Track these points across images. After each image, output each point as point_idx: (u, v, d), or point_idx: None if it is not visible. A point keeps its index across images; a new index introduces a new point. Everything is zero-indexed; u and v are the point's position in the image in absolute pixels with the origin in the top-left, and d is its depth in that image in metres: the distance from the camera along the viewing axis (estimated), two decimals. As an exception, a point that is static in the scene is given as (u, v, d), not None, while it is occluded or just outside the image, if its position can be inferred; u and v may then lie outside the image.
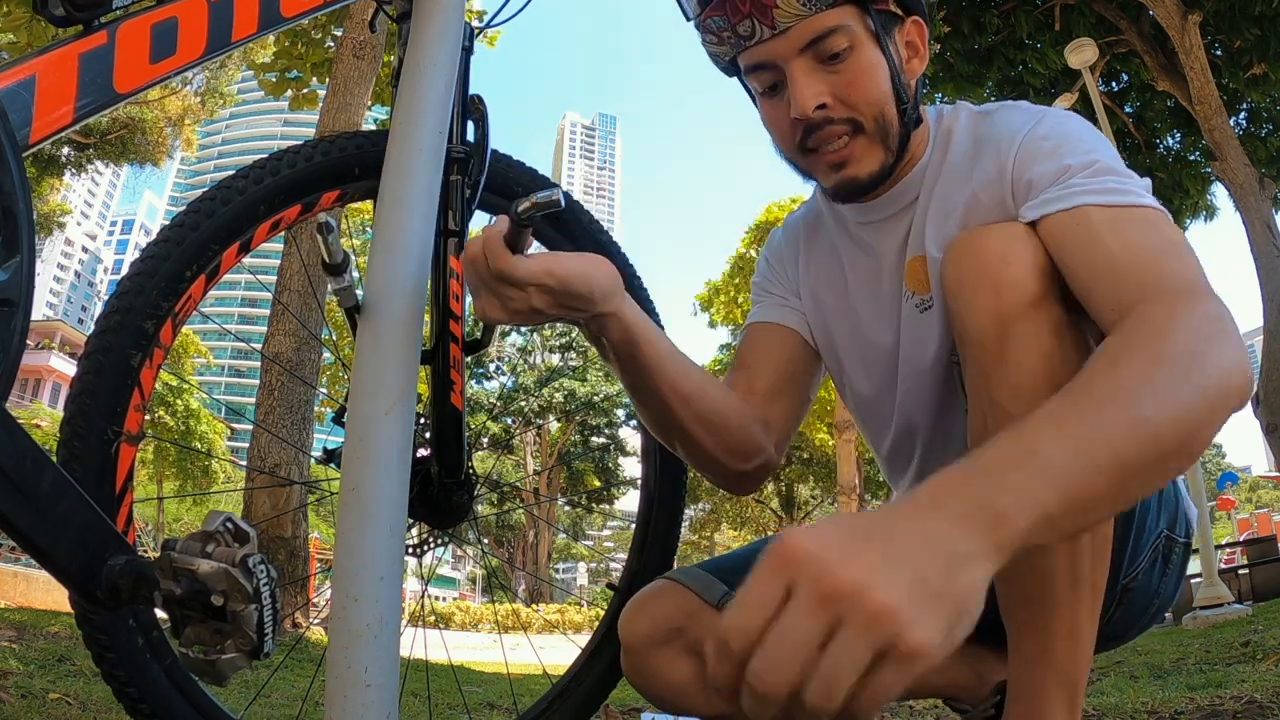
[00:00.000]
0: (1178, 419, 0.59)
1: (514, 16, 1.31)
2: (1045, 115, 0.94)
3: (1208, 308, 0.68)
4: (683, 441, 1.03)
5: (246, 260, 1.06)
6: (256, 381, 5.06)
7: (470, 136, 1.15)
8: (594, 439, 29.10)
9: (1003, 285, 0.82)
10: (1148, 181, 0.85)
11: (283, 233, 1.10)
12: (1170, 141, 8.92)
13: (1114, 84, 8.75)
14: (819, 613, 0.45)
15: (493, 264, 0.79)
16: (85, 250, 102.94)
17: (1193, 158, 8.73)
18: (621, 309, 0.89)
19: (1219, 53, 7.60)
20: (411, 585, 2.06)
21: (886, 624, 0.44)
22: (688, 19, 1.01)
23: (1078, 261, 0.80)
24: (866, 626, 0.44)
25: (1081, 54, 6.63)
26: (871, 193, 1.01)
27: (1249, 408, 6.48)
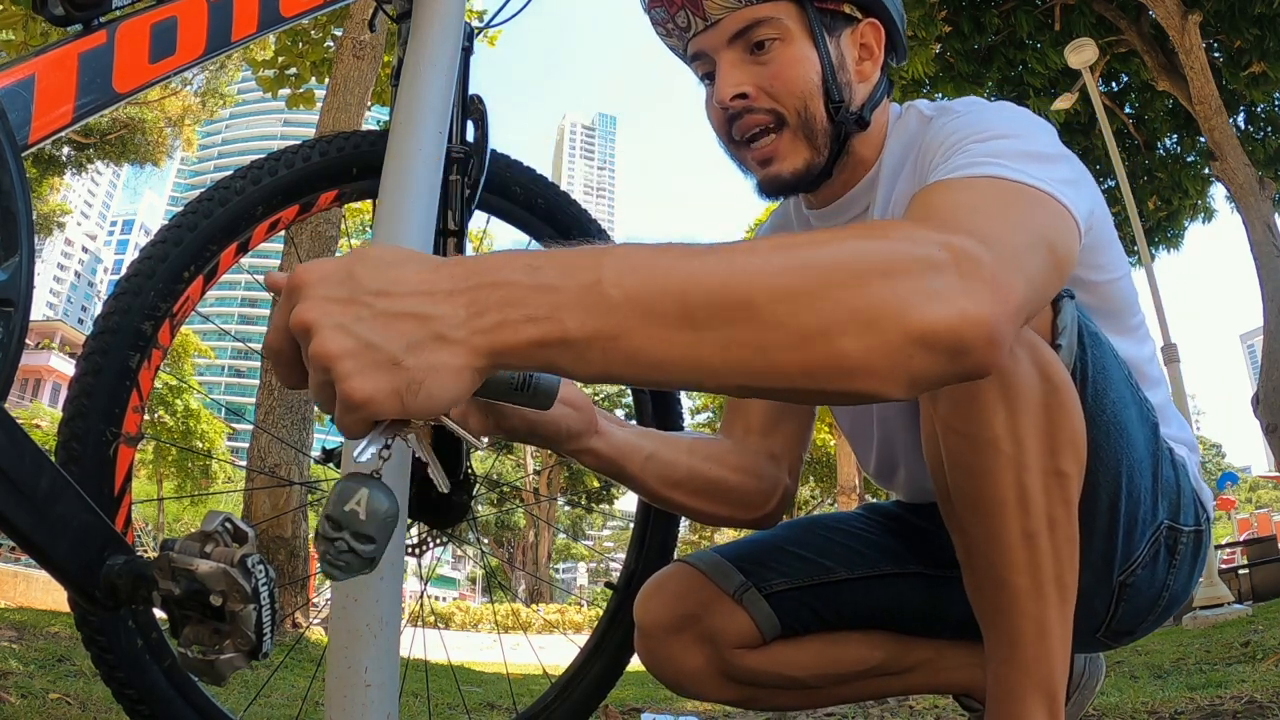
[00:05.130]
0: (787, 299, 0.53)
1: (514, 16, 1.31)
2: (973, 113, 0.89)
3: (961, 249, 0.57)
4: (686, 513, 1.05)
5: (246, 260, 1.06)
6: (256, 381, 5.06)
7: (470, 136, 1.15)
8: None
9: None
10: (1066, 169, 0.77)
11: (281, 233, 1.10)
12: (1170, 142, 8.92)
13: (1114, 84, 8.75)
14: (297, 336, 0.53)
15: None
16: (85, 250, 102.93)
17: (1190, 159, 8.73)
18: (593, 446, 0.91)
19: (1219, 53, 7.60)
20: (411, 585, 2.06)
21: (328, 370, 0.51)
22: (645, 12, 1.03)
23: None
24: (317, 366, 0.51)
25: (1081, 54, 6.62)
26: (807, 190, 1.01)
27: (1249, 408, 6.46)
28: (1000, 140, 0.79)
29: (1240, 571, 7.21)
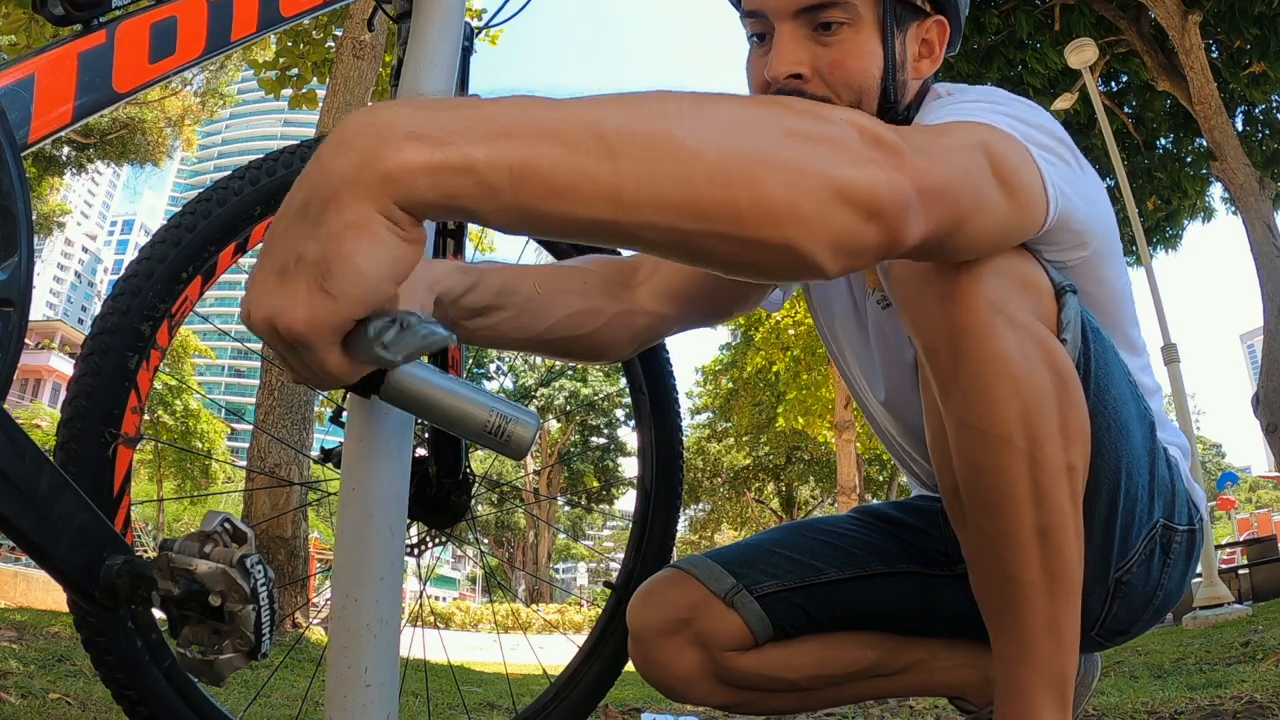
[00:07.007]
0: (710, 135, 0.52)
1: (514, 16, 1.31)
2: (987, 92, 0.88)
3: (889, 145, 0.58)
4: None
5: (244, 260, 1.06)
6: (256, 381, 5.05)
7: (469, 136, 1.14)
8: (594, 439, 29.15)
9: (945, 297, 0.78)
10: (1066, 163, 0.78)
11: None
12: (1169, 142, 8.92)
13: (1114, 84, 8.75)
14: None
15: None
16: (85, 250, 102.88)
17: (1190, 158, 8.73)
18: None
19: (1218, 53, 7.60)
20: (411, 585, 2.06)
21: (270, 331, 0.50)
22: None
23: None
24: (262, 335, 0.51)
25: (1081, 54, 6.61)
26: None
27: (1250, 408, 6.47)
28: (999, 113, 0.77)
29: (1240, 571, 7.21)
